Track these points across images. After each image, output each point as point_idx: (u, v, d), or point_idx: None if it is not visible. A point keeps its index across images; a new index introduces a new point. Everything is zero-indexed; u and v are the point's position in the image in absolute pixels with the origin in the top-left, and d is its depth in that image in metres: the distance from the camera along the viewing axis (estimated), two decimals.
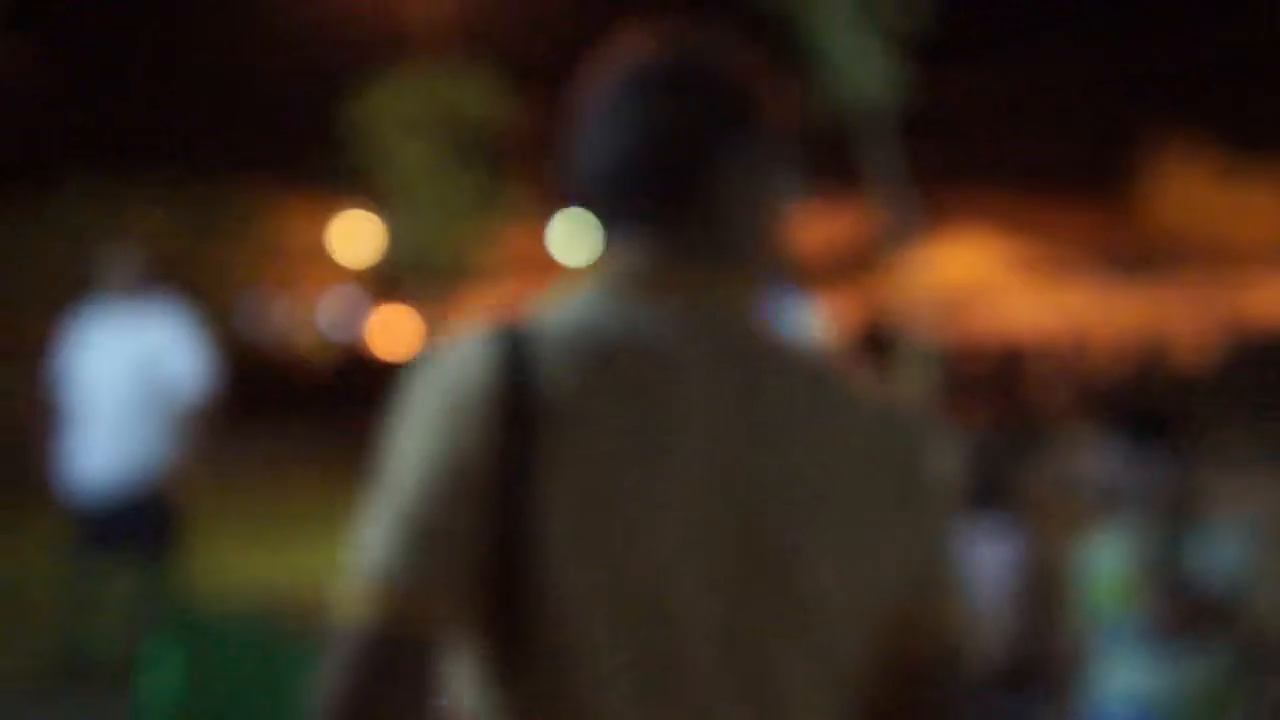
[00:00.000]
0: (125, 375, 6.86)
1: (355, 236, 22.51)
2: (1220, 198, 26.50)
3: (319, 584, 6.36)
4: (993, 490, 4.57)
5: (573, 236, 24.46)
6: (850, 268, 21.06)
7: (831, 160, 12.85)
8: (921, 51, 10.49)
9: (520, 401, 1.51)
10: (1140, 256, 25.76)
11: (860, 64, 10.15)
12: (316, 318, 26.37)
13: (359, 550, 1.54)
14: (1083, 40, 26.11)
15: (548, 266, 24.56)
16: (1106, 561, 4.05)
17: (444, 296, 20.53)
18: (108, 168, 20.02)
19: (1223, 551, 3.91)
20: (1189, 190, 26.52)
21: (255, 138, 23.47)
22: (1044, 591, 4.44)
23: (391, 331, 21.43)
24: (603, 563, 1.50)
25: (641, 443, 1.52)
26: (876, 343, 12.33)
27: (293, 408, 19.62)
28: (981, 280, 25.91)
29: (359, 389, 19.02)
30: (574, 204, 1.68)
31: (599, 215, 1.67)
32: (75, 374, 6.98)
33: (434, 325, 21.71)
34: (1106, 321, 24.98)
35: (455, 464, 1.51)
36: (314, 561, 9.01)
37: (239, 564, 9.37)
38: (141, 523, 6.82)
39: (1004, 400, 15.79)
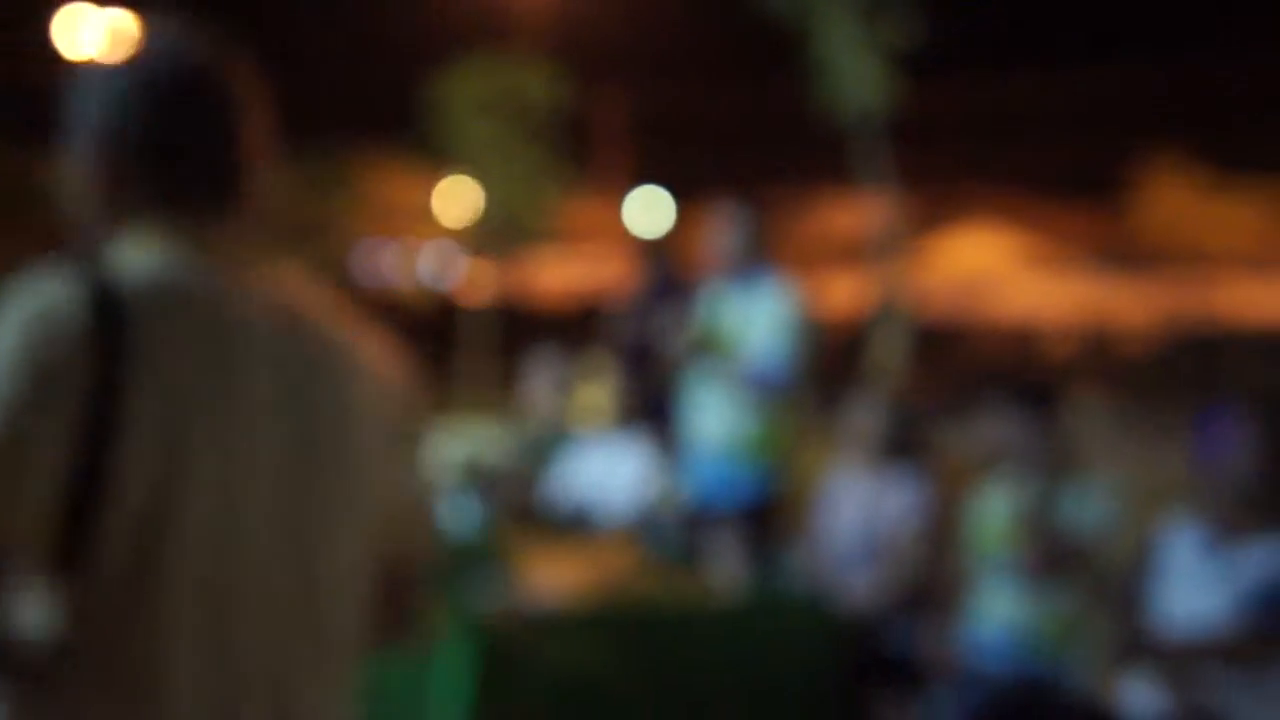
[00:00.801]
0: None
1: (454, 198, 22.64)
2: (1204, 209, 26.12)
3: None
4: (904, 445, 4.60)
5: (645, 209, 24.47)
6: (851, 256, 21.03)
7: (834, 160, 12.78)
8: (934, 67, 10.46)
9: (111, 336, 1.48)
10: (1126, 256, 25.49)
11: (858, 75, 10.12)
12: (418, 268, 26.46)
13: None
14: (1088, 61, 25.81)
15: (622, 235, 24.64)
16: (992, 509, 4.09)
17: (521, 256, 20.60)
18: None
19: (1089, 505, 3.94)
20: (1176, 201, 26.16)
21: (371, 110, 23.76)
22: (939, 532, 4.47)
23: (478, 284, 21.54)
24: (182, 477, 1.49)
25: (218, 372, 1.54)
26: (868, 321, 12.34)
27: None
28: (986, 269, 25.76)
29: (449, 332, 19.19)
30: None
31: (127, 194, 1.61)
32: None
33: (512, 280, 21.83)
34: (1086, 309, 24.78)
35: (42, 396, 1.45)
36: None
37: None
38: None
39: (953, 371, 15.65)
